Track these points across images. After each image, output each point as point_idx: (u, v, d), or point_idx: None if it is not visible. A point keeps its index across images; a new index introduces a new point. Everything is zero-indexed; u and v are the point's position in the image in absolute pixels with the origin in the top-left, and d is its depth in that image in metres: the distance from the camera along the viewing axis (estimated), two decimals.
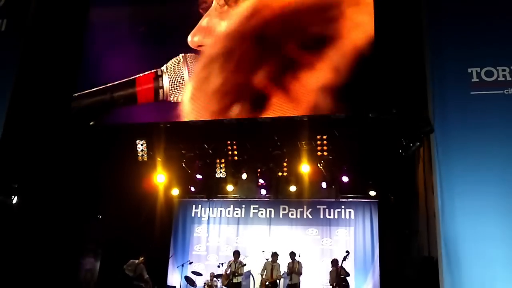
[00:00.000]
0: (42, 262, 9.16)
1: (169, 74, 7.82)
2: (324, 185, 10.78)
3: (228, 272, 11.28)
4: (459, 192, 6.30)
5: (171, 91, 7.79)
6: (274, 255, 11.28)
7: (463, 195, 6.25)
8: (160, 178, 10.77)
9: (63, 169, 9.42)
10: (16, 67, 8.51)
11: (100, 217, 11.12)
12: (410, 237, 10.11)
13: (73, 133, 8.85)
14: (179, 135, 9.50)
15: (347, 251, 10.63)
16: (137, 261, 11.00)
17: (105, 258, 11.53)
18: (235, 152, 9.93)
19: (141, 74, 8.06)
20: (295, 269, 10.95)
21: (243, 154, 10.06)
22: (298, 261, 11.08)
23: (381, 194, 11.46)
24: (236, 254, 11.51)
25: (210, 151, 10.28)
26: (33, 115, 8.60)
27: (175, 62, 7.81)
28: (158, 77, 7.87)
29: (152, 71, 8.01)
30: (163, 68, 7.85)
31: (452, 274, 6.14)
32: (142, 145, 9.73)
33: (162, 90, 7.81)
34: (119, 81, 8.12)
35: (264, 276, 11.14)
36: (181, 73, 7.79)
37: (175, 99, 7.80)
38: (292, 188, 11.10)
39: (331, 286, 10.73)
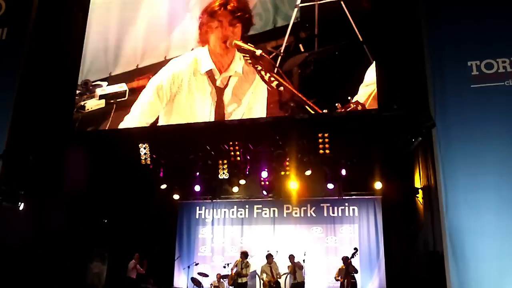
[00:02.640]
0: (51, 267, 9.20)
1: None
2: (330, 186, 10.73)
3: (233, 271, 11.30)
4: (462, 185, 6.32)
5: None
6: (269, 257, 11.29)
7: (466, 188, 6.28)
8: (162, 183, 10.84)
9: (68, 175, 9.47)
10: (18, 75, 8.61)
11: (106, 221, 11.15)
12: (415, 233, 10.12)
13: (77, 138, 8.93)
14: (181, 138, 9.53)
15: (355, 248, 10.66)
16: (134, 261, 11.14)
17: (112, 261, 11.57)
18: (237, 153, 9.95)
19: None
20: (297, 266, 10.94)
21: (245, 154, 10.07)
22: (298, 261, 11.08)
23: (385, 190, 11.44)
24: (243, 254, 11.51)
25: (213, 153, 10.30)
26: (37, 121, 8.69)
27: None
28: None
29: None
30: None
31: (458, 268, 6.16)
32: (145, 148, 9.76)
33: None
34: None
35: (265, 278, 11.15)
36: None
37: None
38: (293, 185, 11.02)
39: (339, 282, 10.72)
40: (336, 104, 7.70)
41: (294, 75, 8.14)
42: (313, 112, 7.82)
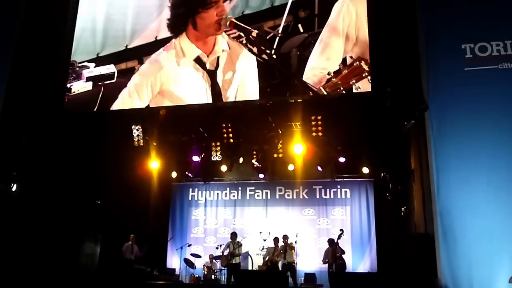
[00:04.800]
0: (43, 248, 9.21)
1: None
2: (320, 168, 10.78)
3: (226, 253, 11.38)
4: (454, 168, 6.37)
5: None
6: (276, 239, 11.34)
7: (458, 170, 6.33)
8: (155, 164, 10.78)
9: (61, 156, 9.43)
10: (10, 55, 8.52)
11: (99, 202, 11.16)
12: (406, 215, 10.21)
13: (70, 120, 8.87)
14: (174, 119, 9.49)
15: (341, 230, 10.74)
16: (130, 242, 11.17)
17: (105, 243, 11.60)
18: (231, 135, 9.92)
19: None
20: (288, 246, 11.01)
21: (238, 136, 10.06)
22: (290, 242, 11.16)
23: (377, 172, 11.51)
24: (234, 235, 11.60)
25: (206, 135, 10.28)
26: (29, 102, 8.62)
27: None
28: None
29: None
30: None
31: (448, 249, 6.24)
32: (137, 130, 9.71)
33: None
34: None
35: (266, 258, 11.23)
36: None
37: None
38: (290, 167, 11.07)
39: (326, 265, 10.83)
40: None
41: (292, 57, 7.98)
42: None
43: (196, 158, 10.78)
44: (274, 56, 7.92)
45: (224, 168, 11.27)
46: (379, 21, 7.53)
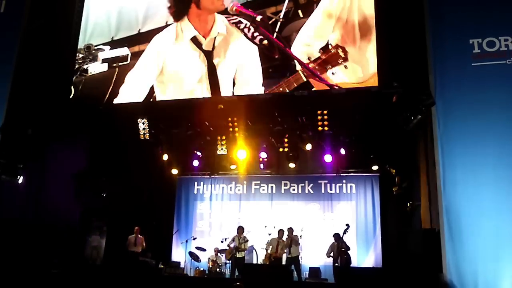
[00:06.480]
0: (49, 240, 9.27)
1: None
2: (328, 158, 10.67)
3: (231, 246, 11.39)
4: (460, 163, 6.34)
5: None
6: (280, 232, 11.34)
7: (464, 166, 6.30)
8: (162, 157, 10.79)
9: (67, 148, 9.47)
10: (17, 47, 8.59)
11: (105, 195, 11.19)
12: (411, 210, 10.18)
13: (76, 112, 8.91)
14: (180, 113, 9.50)
15: (347, 224, 10.68)
16: (133, 235, 11.21)
17: (110, 235, 11.65)
18: (236, 129, 9.92)
19: None
20: (293, 240, 11.01)
21: (244, 130, 10.05)
22: (295, 235, 11.15)
23: (382, 167, 11.47)
24: (240, 229, 11.60)
25: (211, 128, 10.27)
26: (36, 94, 8.67)
27: None
28: None
29: None
30: None
31: (454, 245, 6.22)
32: (143, 123, 9.72)
33: None
34: None
35: (269, 251, 11.23)
36: None
37: None
38: (292, 165, 11.07)
39: (331, 259, 10.82)
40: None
41: (292, 40, 8.17)
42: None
43: (201, 152, 10.79)
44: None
45: (233, 167, 11.26)
46: (386, 16, 7.49)
